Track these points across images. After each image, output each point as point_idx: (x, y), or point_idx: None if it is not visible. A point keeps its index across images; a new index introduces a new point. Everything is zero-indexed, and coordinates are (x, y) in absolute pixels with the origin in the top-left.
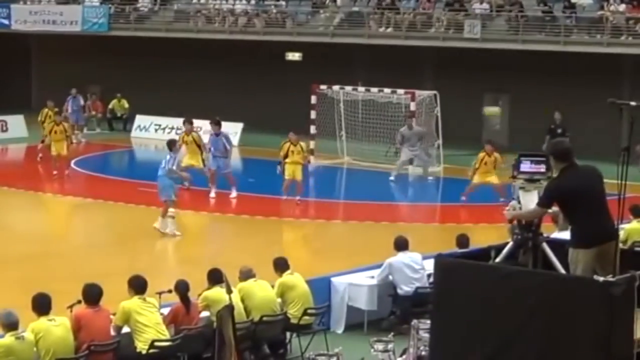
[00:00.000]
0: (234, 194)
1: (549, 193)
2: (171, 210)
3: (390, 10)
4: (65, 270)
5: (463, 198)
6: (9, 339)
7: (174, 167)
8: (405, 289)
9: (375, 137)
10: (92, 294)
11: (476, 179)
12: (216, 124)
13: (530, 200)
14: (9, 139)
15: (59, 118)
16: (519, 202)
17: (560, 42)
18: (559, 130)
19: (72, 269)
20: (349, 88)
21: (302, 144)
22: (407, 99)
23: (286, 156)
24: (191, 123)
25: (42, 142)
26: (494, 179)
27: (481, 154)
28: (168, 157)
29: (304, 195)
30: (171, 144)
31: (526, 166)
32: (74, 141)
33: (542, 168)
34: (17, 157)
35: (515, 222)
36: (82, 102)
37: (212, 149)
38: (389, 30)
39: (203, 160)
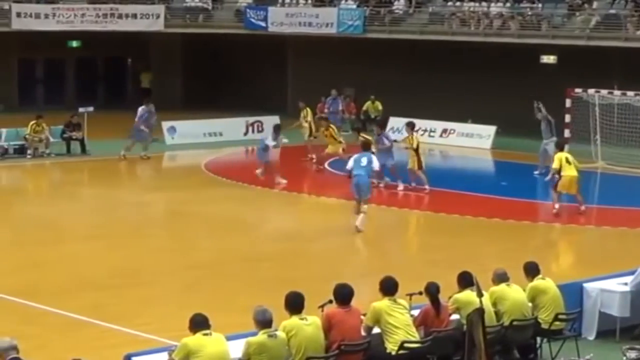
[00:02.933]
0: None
1: None
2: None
3: None
4: (318, 270)
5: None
6: (261, 336)
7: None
8: None
9: (631, 142)
10: (344, 294)
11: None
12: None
13: None
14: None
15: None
16: None
17: None
18: None
19: (324, 269)
20: (604, 92)
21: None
22: None
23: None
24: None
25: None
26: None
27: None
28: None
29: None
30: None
31: None
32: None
33: None
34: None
35: None
36: (340, 104)
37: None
38: None
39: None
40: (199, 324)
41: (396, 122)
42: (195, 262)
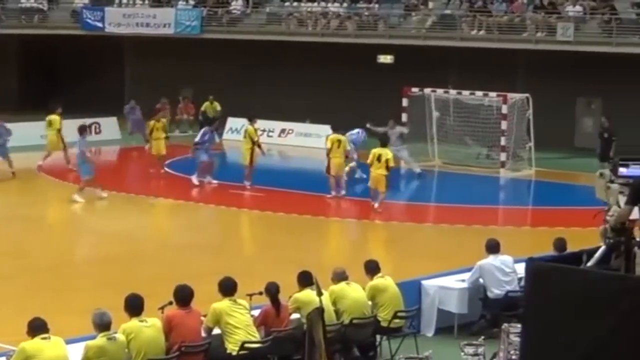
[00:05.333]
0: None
1: (634, 190)
2: None
3: (482, 13)
4: (157, 271)
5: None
6: (101, 339)
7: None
8: (495, 292)
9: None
10: (184, 295)
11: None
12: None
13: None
14: (102, 141)
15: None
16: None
17: None
18: (606, 135)
19: (163, 271)
20: (440, 91)
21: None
22: (499, 102)
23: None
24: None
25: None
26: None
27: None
28: None
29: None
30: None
31: (624, 170)
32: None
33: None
34: (110, 159)
35: (608, 226)
36: (139, 114)
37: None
38: (481, 33)
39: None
40: (37, 328)
41: (235, 123)
42: (33, 266)
